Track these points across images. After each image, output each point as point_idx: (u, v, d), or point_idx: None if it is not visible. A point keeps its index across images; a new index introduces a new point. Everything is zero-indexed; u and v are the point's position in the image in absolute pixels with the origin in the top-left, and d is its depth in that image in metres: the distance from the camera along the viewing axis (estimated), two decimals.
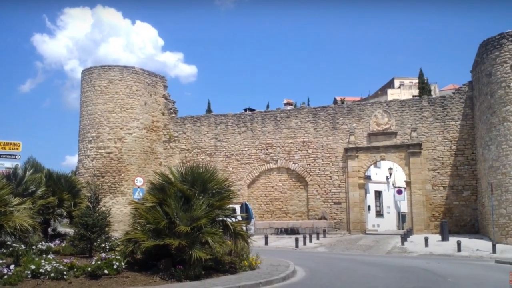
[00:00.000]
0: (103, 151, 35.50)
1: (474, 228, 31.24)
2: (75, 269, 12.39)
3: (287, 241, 29.11)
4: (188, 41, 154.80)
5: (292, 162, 35.97)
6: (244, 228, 15.73)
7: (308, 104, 66.08)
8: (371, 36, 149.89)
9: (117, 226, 25.42)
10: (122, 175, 35.37)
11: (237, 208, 27.10)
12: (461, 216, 31.91)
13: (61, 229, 20.83)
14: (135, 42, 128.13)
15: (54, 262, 12.23)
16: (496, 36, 26.72)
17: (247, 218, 25.21)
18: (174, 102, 39.70)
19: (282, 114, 37.19)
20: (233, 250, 14.94)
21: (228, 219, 14.59)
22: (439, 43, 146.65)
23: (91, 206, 15.76)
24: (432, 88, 67.56)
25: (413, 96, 55.43)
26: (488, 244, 23.61)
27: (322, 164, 35.33)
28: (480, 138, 29.41)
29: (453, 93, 34.20)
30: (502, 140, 25.74)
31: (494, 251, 21.92)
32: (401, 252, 24.11)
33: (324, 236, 31.13)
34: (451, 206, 32.16)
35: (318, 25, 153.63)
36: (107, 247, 15.18)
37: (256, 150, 36.92)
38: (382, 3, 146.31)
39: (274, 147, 36.51)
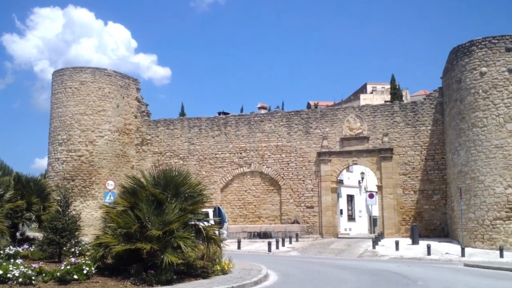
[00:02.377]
0: (73, 154, 34.95)
1: (444, 232, 31.76)
2: (43, 274, 12.13)
3: (260, 245, 29.12)
4: (162, 43, 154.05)
5: (265, 166, 36.03)
6: (216, 232, 15.67)
7: (282, 108, 66.42)
8: (345, 41, 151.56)
9: (87, 230, 25.06)
10: (93, 178, 34.86)
11: (210, 212, 27.00)
12: (431, 220, 32.42)
13: (30, 234, 20.41)
14: (108, 43, 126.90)
15: (22, 267, 11.97)
16: (466, 43, 27.30)
17: (220, 222, 25.14)
18: (147, 105, 39.38)
19: (256, 118, 37.24)
20: (205, 254, 14.85)
21: (201, 223, 14.52)
22: (411, 50, 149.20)
23: (60, 210, 15.46)
24: (404, 93, 68.72)
25: (385, 101, 56.37)
26: (457, 248, 24.05)
27: (295, 168, 35.48)
28: (449, 143, 29.96)
29: (424, 99, 34.77)
30: (471, 146, 26.27)
31: (463, 254, 22.33)
32: (372, 256, 24.35)
33: (297, 240, 31.23)
34: (421, 210, 32.65)
35: (292, 30, 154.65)
36: (77, 251, 14.94)
37: (230, 153, 36.87)
38: (355, 10, 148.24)
39: (248, 151, 36.52)
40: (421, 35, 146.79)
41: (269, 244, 26.57)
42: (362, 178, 49.97)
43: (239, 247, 27.28)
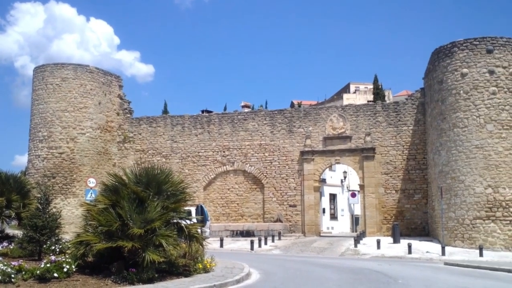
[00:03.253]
0: (54, 151, 34.55)
1: (425, 231, 32.09)
2: (23, 272, 11.99)
3: (243, 243, 29.12)
4: (145, 40, 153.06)
5: (248, 164, 36.03)
6: (199, 230, 15.62)
7: (266, 107, 66.45)
8: (328, 41, 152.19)
9: (68, 228, 24.79)
10: (74, 176, 34.51)
11: (193, 210, 26.94)
12: (412, 219, 32.73)
13: (9, 231, 20.14)
14: (90, 40, 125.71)
15: (2, 264, 11.79)
16: (448, 44, 27.59)
17: (202, 220, 25.08)
18: (129, 102, 39.09)
19: (239, 117, 37.20)
20: (187, 252, 14.80)
21: (183, 222, 14.47)
22: (394, 50, 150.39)
23: (41, 207, 15.30)
24: (386, 93, 69.29)
25: (368, 101, 56.71)
26: (438, 247, 24.32)
27: (278, 167, 35.55)
28: (431, 143, 30.27)
29: (406, 99, 35.07)
30: (452, 146, 26.57)
31: (443, 253, 22.59)
32: (354, 254, 24.50)
33: (279, 239, 31.30)
34: (402, 209, 32.94)
35: (276, 29, 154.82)
36: (57, 249, 14.77)
37: (213, 152, 36.80)
38: (339, 10, 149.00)
39: (231, 149, 36.48)
40: (403, 36, 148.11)
41: (252, 242, 26.59)
42: (345, 177, 50.29)
43: (221, 246, 27.25)
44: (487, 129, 25.47)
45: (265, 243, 28.32)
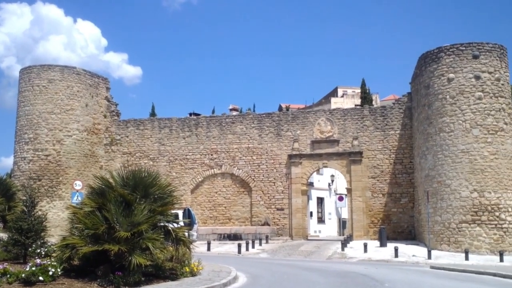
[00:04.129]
0: (40, 153, 34.25)
1: (411, 235, 32.28)
2: (8, 275, 11.89)
3: (230, 247, 29.06)
4: (133, 42, 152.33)
5: (236, 167, 36.00)
6: (186, 233, 15.58)
7: (254, 110, 66.43)
8: (316, 45, 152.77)
9: (54, 231, 24.64)
10: (61, 178, 34.22)
11: (180, 213, 26.85)
12: (399, 222, 32.91)
13: None
14: (77, 41, 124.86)
15: None
16: (435, 49, 27.83)
17: (190, 223, 24.99)
18: (116, 105, 38.89)
19: (227, 120, 37.18)
20: (174, 256, 14.74)
21: (170, 225, 14.41)
22: (381, 55, 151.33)
23: (26, 210, 15.19)
24: (374, 98, 69.65)
25: (356, 105, 56.97)
26: (424, 250, 24.46)
27: (266, 170, 35.56)
28: (417, 147, 30.48)
29: (393, 103, 35.30)
30: (438, 150, 26.78)
31: (429, 257, 22.73)
32: (341, 258, 24.56)
33: (267, 242, 31.29)
34: (389, 213, 33.12)
35: (265, 33, 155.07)
36: (43, 252, 14.66)
37: (201, 155, 36.71)
38: (327, 14, 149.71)
39: (219, 153, 36.43)
40: (391, 41, 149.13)
41: (239, 246, 26.54)
42: (332, 181, 50.45)
43: (209, 249, 27.17)
44: (473, 134, 25.72)
45: (253, 247, 28.29)
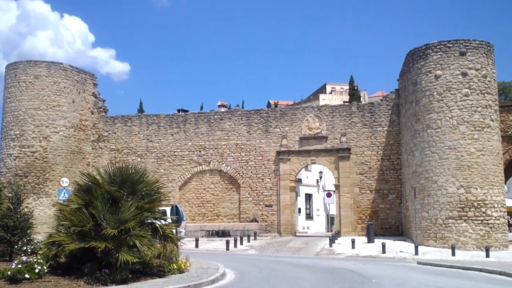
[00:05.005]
0: (27, 149, 33.91)
1: (398, 231, 32.47)
2: None
3: (218, 243, 29.03)
4: (121, 38, 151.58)
5: (224, 164, 35.94)
6: (174, 230, 15.53)
7: (243, 107, 66.40)
8: (305, 42, 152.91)
9: (40, 228, 24.37)
10: (47, 175, 33.92)
11: (168, 210, 26.76)
12: (386, 219, 33.09)
13: None
14: (64, 37, 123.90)
15: None
16: (422, 46, 27.94)
17: (177, 220, 24.90)
18: (104, 101, 38.61)
19: (215, 116, 37.07)
20: (162, 253, 14.69)
21: (158, 222, 14.36)
22: (370, 51, 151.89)
23: (12, 207, 15.06)
24: (362, 94, 70.03)
25: (344, 102, 57.22)
26: (411, 246, 24.62)
27: (255, 166, 35.54)
28: (405, 144, 30.63)
29: (381, 100, 35.43)
30: (425, 147, 26.93)
31: (416, 252, 22.87)
32: (329, 254, 24.64)
33: (255, 239, 31.30)
34: (377, 209, 33.28)
35: (253, 29, 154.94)
36: (29, 250, 14.53)
37: (189, 151, 36.59)
38: (316, 11, 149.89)
39: (207, 149, 36.34)
40: (379, 38, 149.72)
41: (227, 242, 26.51)
42: (320, 177, 50.56)
43: (197, 246, 27.11)
44: (459, 130, 25.89)
45: (241, 243, 28.28)
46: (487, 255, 21.70)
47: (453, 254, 22.28)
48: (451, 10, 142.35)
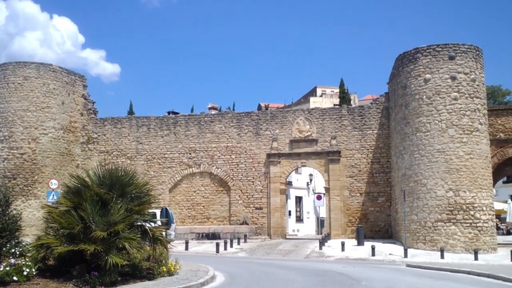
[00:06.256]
0: (15, 151, 33.65)
1: (388, 233, 32.59)
2: None
3: (208, 246, 28.98)
4: (111, 39, 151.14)
5: (215, 166, 35.89)
6: (163, 233, 15.49)
7: (233, 109, 66.47)
8: (296, 45, 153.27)
9: (29, 230, 24.25)
10: (36, 177, 33.69)
11: (158, 212, 26.68)
12: (376, 221, 33.21)
13: None
14: (54, 38, 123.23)
15: None
16: (412, 50, 28.13)
17: (167, 223, 24.85)
18: (94, 102, 38.42)
19: (206, 119, 37.03)
20: (151, 255, 14.65)
21: (148, 224, 14.32)
22: (360, 55, 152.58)
23: (0, 209, 14.91)
24: (352, 97, 70.34)
25: (334, 105, 57.37)
26: (400, 249, 24.73)
27: (245, 169, 35.52)
28: (394, 147, 30.79)
29: (371, 103, 35.58)
30: (414, 150, 27.09)
31: (405, 255, 22.99)
32: (319, 257, 24.68)
33: (245, 241, 31.27)
34: (366, 212, 33.38)
35: (244, 31, 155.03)
36: (17, 252, 14.39)
37: (179, 154, 36.50)
38: (307, 14, 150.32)
39: (197, 151, 36.26)
40: (370, 41, 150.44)
41: (217, 245, 26.48)
42: (311, 180, 50.62)
43: (187, 248, 27.06)
44: (448, 134, 26.08)
45: (231, 246, 28.25)
46: (476, 258, 21.86)
47: (442, 256, 22.42)
48: (441, 14, 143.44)
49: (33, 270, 12.09)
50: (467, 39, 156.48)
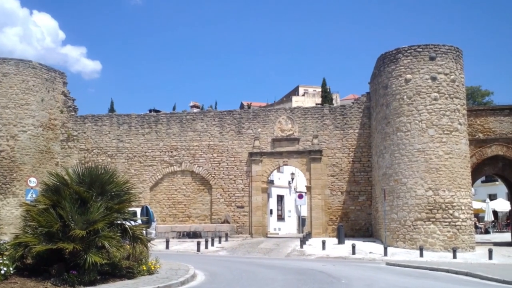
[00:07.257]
0: None
1: (368, 232, 32.84)
2: None
3: (189, 244, 28.89)
4: (92, 35, 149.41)
5: (196, 165, 35.76)
6: (144, 231, 15.40)
7: (216, 108, 66.30)
8: (278, 44, 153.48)
9: (7, 229, 23.84)
10: (14, 175, 33.20)
11: (138, 211, 26.53)
12: (357, 220, 33.43)
13: None
14: (33, 34, 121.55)
15: None
16: (393, 50, 28.36)
17: (148, 221, 24.71)
18: (74, 100, 37.99)
19: (188, 117, 36.87)
20: (131, 254, 14.54)
21: (128, 223, 14.22)
22: (342, 54, 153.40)
23: None
24: (334, 97, 70.62)
25: (316, 104, 57.63)
26: (380, 247, 24.95)
27: (227, 168, 35.46)
28: (375, 146, 31.03)
29: (353, 103, 35.79)
30: (395, 149, 27.33)
31: (385, 253, 23.20)
32: (300, 255, 24.77)
33: (226, 240, 31.24)
34: (347, 210, 33.59)
35: (227, 30, 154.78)
36: None
37: (160, 152, 36.29)
38: (289, 13, 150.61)
39: (179, 150, 36.10)
40: (352, 41, 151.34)
41: (198, 243, 26.42)
42: (292, 179, 50.78)
43: (167, 247, 26.93)
44: (428, 134, 26.36)
45: (212, 245, 28.20)
46: (454, 256, 22.15)
47: (421, 255, 22.67)
48: (422, 14, 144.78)
49: (11, 269, 11.94)
50: (448, 39, 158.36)
